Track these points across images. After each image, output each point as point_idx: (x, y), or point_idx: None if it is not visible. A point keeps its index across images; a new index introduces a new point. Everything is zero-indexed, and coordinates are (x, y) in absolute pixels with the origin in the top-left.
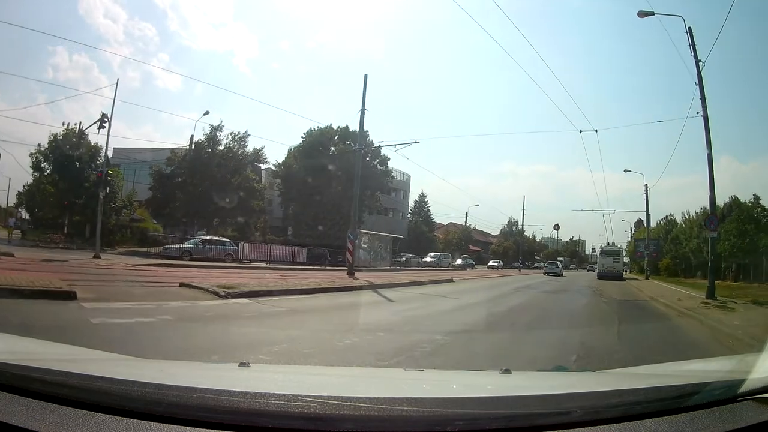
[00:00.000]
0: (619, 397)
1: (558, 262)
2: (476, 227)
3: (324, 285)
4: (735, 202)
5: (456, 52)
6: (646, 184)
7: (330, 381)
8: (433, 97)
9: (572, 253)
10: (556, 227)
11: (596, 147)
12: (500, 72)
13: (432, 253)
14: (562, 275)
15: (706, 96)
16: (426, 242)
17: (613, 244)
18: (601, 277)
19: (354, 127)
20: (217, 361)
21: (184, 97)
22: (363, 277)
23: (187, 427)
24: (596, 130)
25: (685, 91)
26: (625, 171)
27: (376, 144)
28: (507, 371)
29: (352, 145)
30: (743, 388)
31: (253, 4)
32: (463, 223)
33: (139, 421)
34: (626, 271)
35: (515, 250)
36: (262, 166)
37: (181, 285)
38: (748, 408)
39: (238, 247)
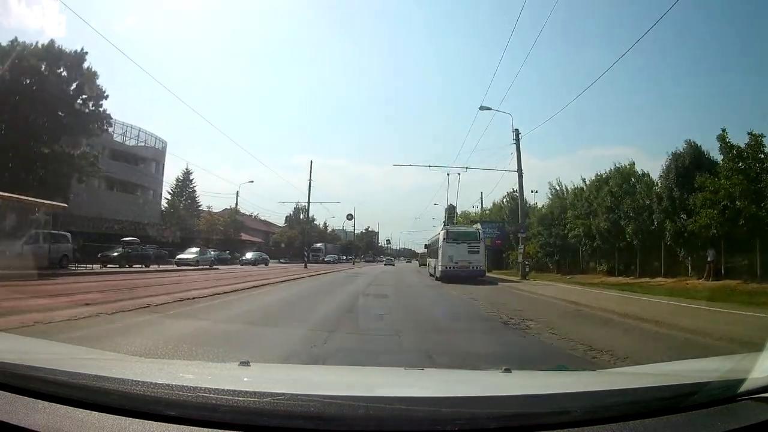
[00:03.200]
0: (619, 396)
1: (392, 258)
2: (260, 216)
3: None
4: (691, 146)
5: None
6: (517, 129)
7: (330, 380)
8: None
9: (368, 244)
10: (350, 216)
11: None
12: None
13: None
14: (393, 265)
15: None
16: (187, 231)
17: (458, 222)
18: (451, 278)
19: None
20: (217, 360)
21: None
22: None
23: (188, 426)
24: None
25: None
26: (482, 108)
27: None
28: (507, 370)
29: (60, 71)
30: (743, 388)
31: None
32: (235, 206)
33: (139, 420)
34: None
35: (301, 240)
36: None
37: None
38: (747, 408)
39: None
